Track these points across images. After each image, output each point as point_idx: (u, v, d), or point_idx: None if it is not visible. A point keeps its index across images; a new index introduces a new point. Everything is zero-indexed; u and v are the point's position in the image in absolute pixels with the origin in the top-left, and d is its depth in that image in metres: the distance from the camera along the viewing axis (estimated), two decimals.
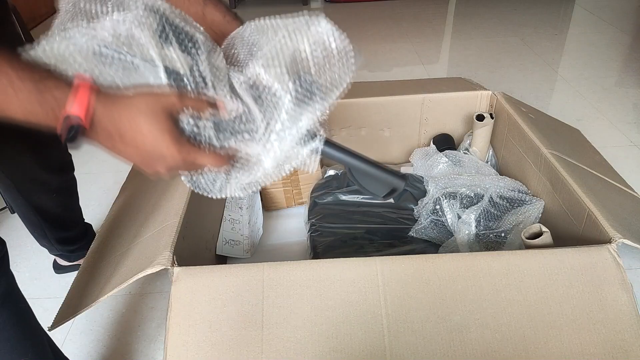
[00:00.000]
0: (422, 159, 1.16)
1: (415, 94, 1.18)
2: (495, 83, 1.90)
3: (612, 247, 0.67)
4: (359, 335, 0.63)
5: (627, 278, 0.65)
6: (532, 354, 0.61)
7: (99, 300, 0.68)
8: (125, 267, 0.71)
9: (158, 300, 1.02)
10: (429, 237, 1.00)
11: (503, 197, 0.98)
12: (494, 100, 1.16)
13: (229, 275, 0.66)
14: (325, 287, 0.65)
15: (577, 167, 0.90)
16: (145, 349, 0.92)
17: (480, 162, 1.13)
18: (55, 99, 0.39)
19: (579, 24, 2.50)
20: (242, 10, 2.86)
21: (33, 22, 2.59)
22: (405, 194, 1.09)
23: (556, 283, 0.65)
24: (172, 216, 0.76)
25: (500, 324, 0.63)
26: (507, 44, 2.28)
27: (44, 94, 0.39)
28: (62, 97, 0.39)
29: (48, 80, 0.40)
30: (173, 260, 0.67)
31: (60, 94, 0.39)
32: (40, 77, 0.39)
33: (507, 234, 0.93)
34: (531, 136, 0.97)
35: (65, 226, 1.04)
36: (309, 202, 1.13)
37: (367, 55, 2.21)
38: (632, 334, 0.62)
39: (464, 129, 1.22)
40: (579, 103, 1.73)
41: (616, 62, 2.04)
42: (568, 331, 0.62)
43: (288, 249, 1.10)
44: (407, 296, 0.64)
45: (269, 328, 0.63)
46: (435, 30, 2.49)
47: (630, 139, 1.50)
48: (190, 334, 0.63)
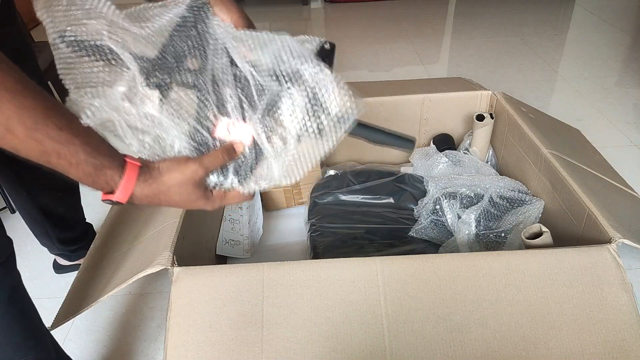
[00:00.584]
0: (422, 159, 1.16)
1: (415, 94, 1.18)
2: (495, 83, 1.90)
3: (612, 247, 0.67)
4: (359, 335, 0.63)
5: (627, 278, 0.65)
6: (532, 354, 0.61)
7: (99, 300, 0.68)
8: (125, 267, 0.71)
9: (158, 300, 1.02)
10: (429, 237, 1.00)
11: (503, 197, 0.98)
12: (494, 100, 1.16)
13: (229, 275, 0.66)
14: (325, 287, 0.65)
15: (577, 167, 0.90)
16: (145, 349, 0.92)
17: (480, 162, 1.13)
18: (106, 181, 0.43)
19: (579, 24, 2.50)
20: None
21: (33, 22, 2.59)
22: (405, 194, 1.09)
23: (556, 283, 0.65)
24: (172, 216, 0.76)
25: (500, 324, 0.63)
26: (507, 44, 2.28)
27: (99, 173, 0.43)
28: (113, 181, 0.44)
29: (104, 158, 0.43)
30: (173, 260, 0.67)
31: (112, 176, 0.44)
32: (98, 154, 0.43)
33: (507, 234, 0.93)
34: (531, 136, 0.97)
35: (68, 226, 1.04)
36: (309, 202, 1.13)
37: (367, 55, 2.21)
38: (632, 334, 0.62)
39: (464, 129, 1.22)
40: (579, 103, 1.73)
41: (616, 62, 2.04)
42: (568, 331, 0.62)
43: (288, 249, 1.10)
44: (407, 296, 0.64)
45: (269, 328, 0.63)
46: (435, 30, 2.49)
47: (630, 139, 1.50)
48: (190, 334, 0.63)
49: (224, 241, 1.03)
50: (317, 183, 1.16)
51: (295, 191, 1.19)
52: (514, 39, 2.33)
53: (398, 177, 1.14)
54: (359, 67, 2.09)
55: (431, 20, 2.63)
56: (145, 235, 0.76)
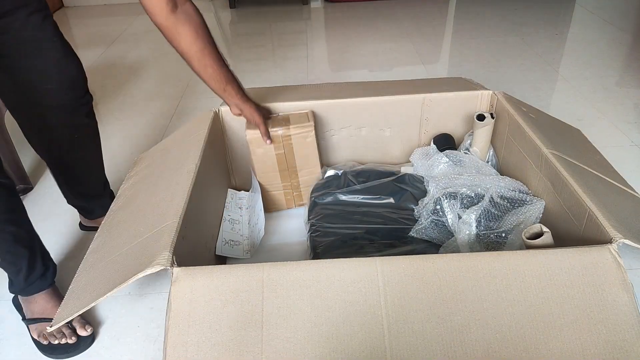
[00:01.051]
0: (423, 158, 1.16)
1: (416, 93, 1.18)
2: (495, 83, 1.90)
3: (613, 247, 0.67)
4: (359, 335, 0.62)
5: (628, 278, 0.65)
6: (532, 354, 0.61)
7: (99, 300, 0.68)
8: (125, 267, 0.71)
9: (158, 300, 1.02)
10: (429, 238, 1.00)
11: (504, 197, 0.98)
12: (494, 100, 1.16)
13: (229, 275, 0.66)
14: (325, 287, 0.65)
15: (577, 167, 0.90)
16: (145, 349, 0.92)
17: (480, 162, 1.13)
18: None
19: (580, 23, 2.50)
20: (242, 10, 2.86)
21: None
22: (406, 194, 1.09)
23: (557, 283, 0.65)
24: (172, 216, 0.76)
25: (500, 324, 0.63)
26: (507, 43, 2.27)
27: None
28: None
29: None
30: (173, 260, 0.67)
31: None
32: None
33: (507, 234, 0.93)
34: (532, 136, 0.97)
35: None
36: (309, 202, 1.13)
37: (367, 55, 2.21)
38: (633, 334, 0.62)
39: (465, 128, 1.22)
40: (579, 103, 1.72)
41: (617, 62, 2.04)
42: (568, 331, 0.62)
43: (288, 249, 1.10)
44: (407, 296, 0.64)
45: (268, 328, 0.63)
46: (435, 30, 2.49)
47: (630, 139, 1.50)
48: (190, 334, 0.63)
49: (224, 241, 1.03)
50: (317, 183, 1.16)
51: (295, 194, 1.19)
52: (514, 38, 2.33)
53: (398, 177, 1.14)
54: (359, 67, 2.09)
55: (431, 20, 2.63)
56: (145, 235, 0.76)
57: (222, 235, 1.04)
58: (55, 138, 1.00)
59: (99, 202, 1.16)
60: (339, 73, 2.06)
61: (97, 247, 0.85)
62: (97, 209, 1.17)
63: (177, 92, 1.94)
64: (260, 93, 1.20)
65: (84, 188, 1.13)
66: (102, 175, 1.15)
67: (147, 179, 0.99)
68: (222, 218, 1.08)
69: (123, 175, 1.09)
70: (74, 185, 1.12)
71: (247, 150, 1.13)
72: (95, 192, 1.16)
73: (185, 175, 0.88)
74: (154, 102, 1.88)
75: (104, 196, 1.17)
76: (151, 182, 0.96)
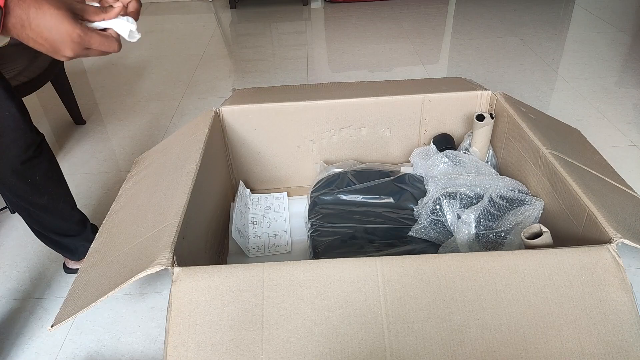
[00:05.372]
0: (422, 158, 1.16)
1: (415, 94, 1.18)
2: (495, 83, 1.90)
3: (612, 247, 0.67)
4: (359, 335, 0.63)
5: (627, 278, 0.65)
6: (532, 354, 0.61)
7: (99, 300, 0.68)
8: (125, 267, 0.71)
9: (158, 300, 1.02)
10: (428, 237, 1.00)
11: (503, 197, 0.98)
12: (494, 100, 1.16)
13: (229, 275, 0.66)
14: (325, 287, 0.65)
15: (577, 167, 0.90)
16: (145, 349, 0.93)
17: (480, 162, 1.13)
18: None
19: (579, 24, 2.51)
20: (242, 10, 2.86)
21: None
22: (405, 193, 1.09)
23: (556, 283, 0.65)
24: (172, 216, 0.76)
25: (500, 324, 0.63)
26: (507, 44, 2.28)
27: None
28: None
29: None
30: (173, 260, 0.67)
31: None
32: None
33: (507, 234, 0.93)
34: (531, 136, 0.97)
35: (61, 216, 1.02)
36: (309, 201, 1.13)
37: (367, 55, 2.21)
38: (632, 334, 0.62)
39: (464, 129, 1.22)
40: (578, 103, 1.73)
41: (616, 62, 2.04)
42: (568, 331, 0.62)
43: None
44: (407, 296, 0.64)
45: (269, 328, 0.63)
46: (435, 30, 2.49)
47: (630, 139, 1.50)
48: (190, 334, 0.63)
49: (236, 228, 1.04)
50: (317, 182, 1.16)
51: None
52: (513, 39, 2.33)
53: (398, 177, 1.14)
54: (359, 67, 2.10)
55: (431, 20, 2.63)
56: (145, 235, 0.76)
57: (235, 223, 1.05)
58: (8, 187, 0.91)
59: (80, 241, 1.05)
60: (339, 73, 2.06)
61: (98, 247, 0.85)
62: (79, 247, 1.06)
63: (177, 92, 1.94)
64: (260, 93, 1.20)
65: (58, 229, 1.02)
66: (74, 213, 1.04)
67: (147, 179, 0.99)
68: (230, 212, 1.07)
69: (123, 175, 1.09)
70: (45, 229, 1.02)
71: (247, 150, 1.12)
72: (73, 232, 1.04)
73: (186, 175, 0.88)
74: (155, 102, 1.88)
75: (85, 232, 1.06)
76: (152, 182, 0.96)
